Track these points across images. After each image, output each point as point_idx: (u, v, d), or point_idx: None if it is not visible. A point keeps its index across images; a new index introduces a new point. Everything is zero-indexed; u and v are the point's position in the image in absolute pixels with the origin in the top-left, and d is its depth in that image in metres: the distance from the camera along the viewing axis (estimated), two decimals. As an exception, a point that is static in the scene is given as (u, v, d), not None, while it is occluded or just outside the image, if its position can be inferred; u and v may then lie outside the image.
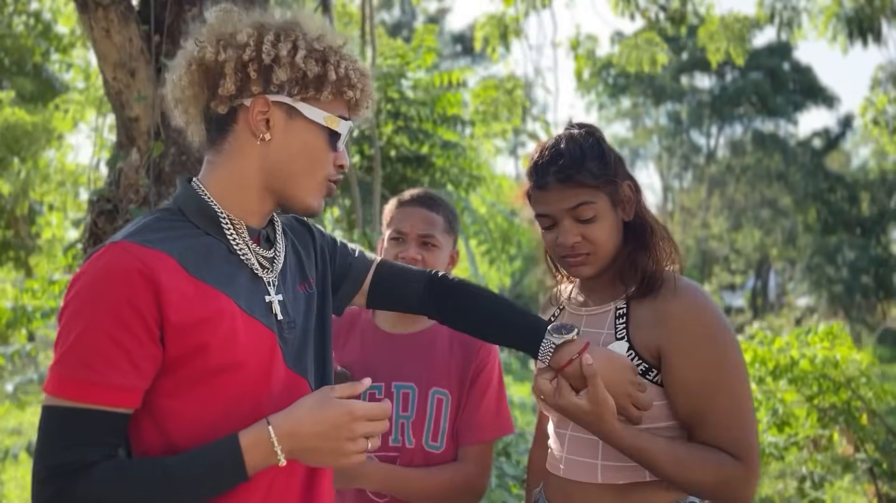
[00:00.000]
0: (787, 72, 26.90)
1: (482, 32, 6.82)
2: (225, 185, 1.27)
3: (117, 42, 2.60)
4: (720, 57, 6.42)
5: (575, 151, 1.52)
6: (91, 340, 1.13)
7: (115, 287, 1.13)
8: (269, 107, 1.24)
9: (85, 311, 1.13)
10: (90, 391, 1.12)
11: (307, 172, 1.29)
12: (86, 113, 5.89)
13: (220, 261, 1.25)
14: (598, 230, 1.52)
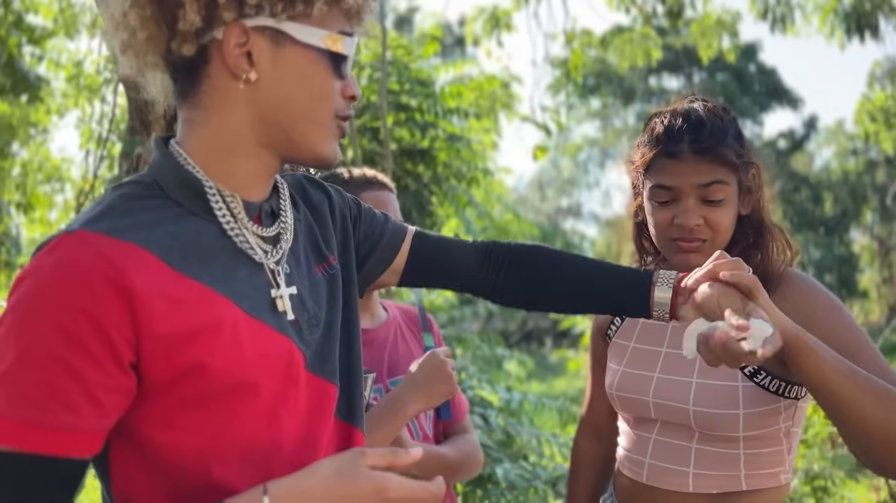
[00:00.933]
0: (752, 73, 27.33)
1: (473, 26, 6.74)
2: (210, 148, 0.97)
3: (133, 19, 2.43)
4: (711, 53, 6.42)
5: (717, 123, 1.38)
6: (34, 366, 0.83)
7: (67, 294, 0.83)
8: (248, 35, 0.94)
9: (27, 326, 0.83)
10: (31, 435, 0.83)
11: (311, 113, 0.98)
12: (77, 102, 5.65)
13: (212, 249, 0.95)
14: (723, 216, 1.37)
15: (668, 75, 27.99)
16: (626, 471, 1.51)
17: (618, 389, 1.50)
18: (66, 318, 0.83)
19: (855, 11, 5.12)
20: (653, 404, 1.43)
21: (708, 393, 1.37)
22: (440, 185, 4.68)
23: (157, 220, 0.92)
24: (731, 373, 1.36)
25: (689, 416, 1.38)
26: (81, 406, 0.84)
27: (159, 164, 0.99)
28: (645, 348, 1.50)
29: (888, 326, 18.45)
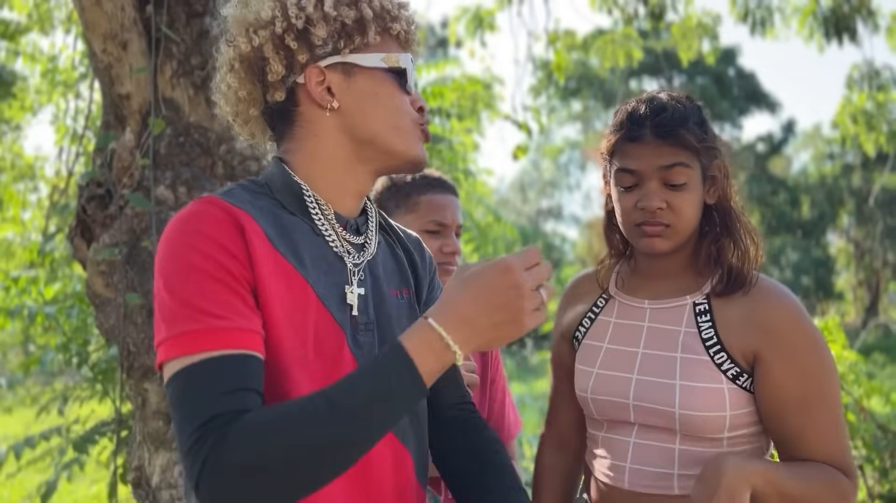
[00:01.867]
0: (732, 77, 27.58)
1: (456, 27, 6.72)
2: (312, 167, 1.16)
3: (108, 10, 2.36)
4: (692, 55, 6.45)
5: (678, 108, 1.39)
6: (200, 287, 0.99)
7: (211, 234, 1.02)
8: (324, 73, 1.13)
9: (182, 260, 1.00)
10: (220, 336, 0.97)
11: (391, 124, 1.15)
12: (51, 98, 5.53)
13: (303, 242, 1.12)
14: (686, 201, 1.37)
15: (648, 78, 28.17)
16: (604, 478, 1.46)
17: (593, 392, 1.45)
18: (212, 247, 1.01)
19: (833, 15, 5.17)
20: (633, 407, 1.40)
21: (694, 395, 1.34)
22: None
23: (264, 207, 1.11)
24: (715, 374, 1.35)
25: (674, 419, 1.35)
26: (247, 314, 1.00)
27: (270, 172, 1.18)
28: (620, 349, 1.46)
29: (864, 328, 18.69)
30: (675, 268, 1.46)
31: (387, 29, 1.16)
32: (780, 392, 1.32)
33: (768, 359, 1.32)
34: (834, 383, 1.33)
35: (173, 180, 2.37)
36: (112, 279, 2.30)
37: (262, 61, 1.13)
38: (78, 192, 2.37)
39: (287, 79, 1.14)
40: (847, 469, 1.32)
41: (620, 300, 1.50)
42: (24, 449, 2.86)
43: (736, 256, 1.40)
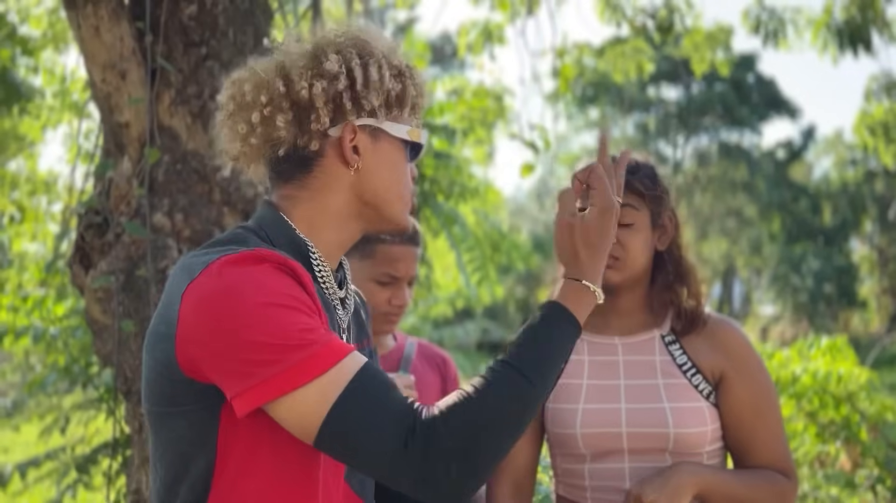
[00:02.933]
0: (751, 83, 27.36)
1: (466, 39, 6.72)
2: (315, 220, 1.17)
3: (107, 41, 2.40)
4: (705, 67, 6.41)
5: (631, 162, 1.58)
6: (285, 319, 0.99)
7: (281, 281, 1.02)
8: (356, 132, 1.15)
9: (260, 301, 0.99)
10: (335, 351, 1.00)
11: (399, 192, 1.20)
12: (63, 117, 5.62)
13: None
14: (634, 238, 1.56)
15: (666, 85, 28.03)
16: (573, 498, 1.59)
17: (584, 427, 1.54)
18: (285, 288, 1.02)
19: (847, 26, 5.11)
20: (626, 434, 1.52)
21: (683, 415, 1.52)
22: (427, 202, 4.65)
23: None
24: (693, 394, 1.55)
25: (668, 439, 1.50)
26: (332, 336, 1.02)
27: (268, 222, 1.16)
28: (602, 383, 1.58)
29: (888, 336, 18.42)
30: (633, 307, 1.63)
31: (415, 104, 1.22)
32: (739, 403, 1.56)
33: (731, 377, 1.57)
34: (776, 397, 1.61)
35: (170, 207, 2.40)
36: (109, 305, 2.33)
37: (311, 109, 1.14)
38: (77, 219, 2.40)
39: (327, 132, 1.15)
40: (788, 471, 1.55)
41: (589, 339, 1.62)
42: (29, 468, 2.89)
43: (688, 300, 1.61)
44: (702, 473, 1.49)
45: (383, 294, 1.76)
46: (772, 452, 1.56)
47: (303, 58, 1.14)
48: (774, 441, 1.57)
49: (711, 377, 1.57)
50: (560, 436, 1.57)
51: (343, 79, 1.13)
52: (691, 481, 1.46)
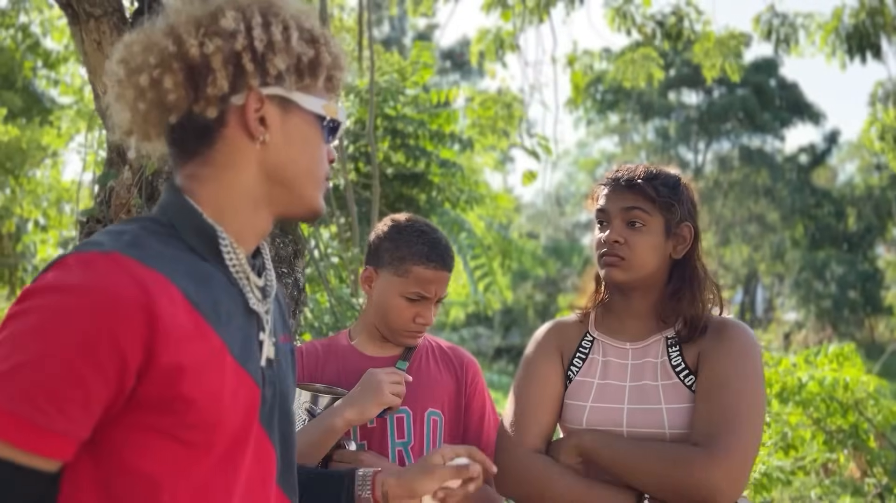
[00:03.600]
0: (773, 88, 27.09)
1: (478, 47, 6.76)
2: (223, 202, 1.06)
3: (109, 55, 2.48)
4: (716, 73, 6.39)
5: (652, 171, 1.68)
6: (50, 370, 0.89)
7: (98, 311, 0.90)
8: (263, 102, 1.05)
9: (54, 331, 0.90)
10: (26, 434, 0.89)
11: (311, 172, 1.10)
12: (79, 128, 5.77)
13: (219, 293, 1.04)
14: (642, 240, 1.62)
15: (686, 90, 27.85)
16: None
17: (589, 424, 1.63)
18: (92, 334, 0.90)
19: (857, 32, 5.08)
20: (627, 433, 1.60)
21: (678, 416, 1.58)
22: (434, 210, 4.70)
23: (177, 257, 1.02)
24: (688, 395, 1.59)
25: (665, 440, 1.57)
26: (77, 414, 0.91)
27: (175, 208, 1.07)
28: (611, 383, 1.66)
29: (914, 344, 18.12)
30: (645, 311, 1.69)
31: (331, 77, 1.11)
32: (698, 384, 1.58)
33: (701, 361, 1.60)
34: (747, 390, 1.55)
35: (170, 216, 2.47)
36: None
37: (206, 70, 1.02)
38: (78, 227, 2.48)
39: (227, 97, 1.04)
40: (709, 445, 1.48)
41: (604, 341, 1.71)
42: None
43: (693, 309, 1.65)
44: (586, 434, 1.59)
45: (410, 311, 1.77)
46: (704, 428, 1.52)
47: (196, 15, 1.04)
48: (712, 418, 1.52)
49: (695, 371, 1.61)
50: (569, 430, 1.68)
51: (241, 38, 1.02)
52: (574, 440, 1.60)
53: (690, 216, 1.68)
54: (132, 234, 1.00)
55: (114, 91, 1.08)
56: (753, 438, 1.53)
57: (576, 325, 1.76)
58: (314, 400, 1.66)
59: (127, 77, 1.05)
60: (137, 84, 1.03)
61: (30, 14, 7.71)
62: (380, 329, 1.83)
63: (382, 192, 4.88)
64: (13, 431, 0.89)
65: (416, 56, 5.12)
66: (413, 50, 5.22)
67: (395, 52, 5.76)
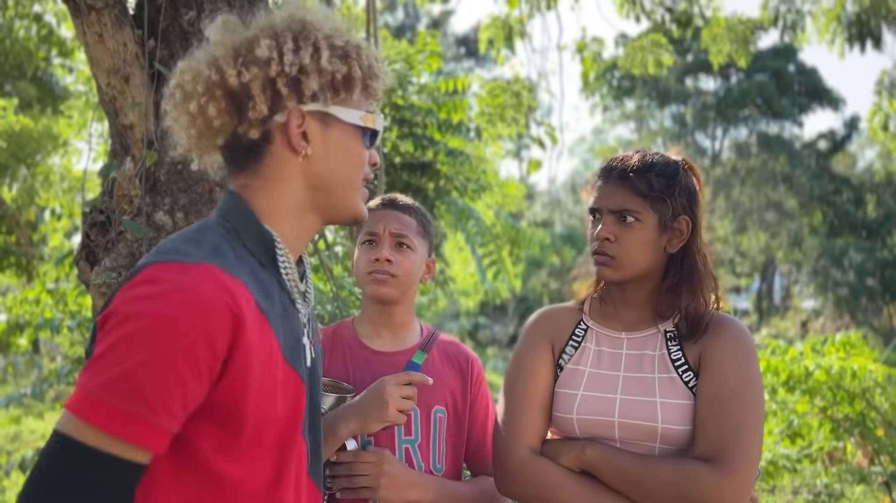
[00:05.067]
0: (792, 74, 26.77)
1: (486, 34, 6.75)
2: (273, 210, 1.17)
3: (111, 47, 2.51)
4: (722, 59, 6.33)
5: (647, 161, 1.60)
6: (157, 372, 0.98)
7: (202, 320, 1.00)
8: (304, 118, 1.15)
9: (159, 336, 0.99)
10: (134, 428, 0.98)
11: (351, 179, 1.20)
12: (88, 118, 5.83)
13: (275, 298, 1.14)
14: (633, 238, 1.58)
15: (704, 76, 27.58)
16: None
17: (579, 413, 1.59)
18: (195, 339, 1.00)
19: (858, 20, 5.02)
20: (618, 424, 1.56)
21: (672, 411, 1.54)
22: (442, 199, 4.71)
23: (245, 265, 1.11)
24: (684, 391, 1.56)
25: (656, 433, 1.54)
26: (178, 411, 1.01)
27: (235, 214, 1.16)
28: (603, 373, 1.62)
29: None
30: (640, 303, 1.65)
31: (367, 87, 1.20)
32: (700, 390, 1.54)
33: (703, 363, 1.56)
34: (751, 396, 1.52)
35: (171, 206, 2.50)
36: (113, 300, 2.44)
37: (246, 97, 1.12)
38: (82, 218, 2.52)
39: (268, 119, 1.14)
40: (719, 462, 1.46)
41: (598, 330, 1.68)
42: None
43: (693, 305, 1.60)
44: (589, 447, 1.55)
45: (367, 254, 1.79)
46: (711, 443, 1.49)
47: (235, 45, 1.14)
48: (720, 433, 1.49)
49: (696, 370, 1.57)
50: (559, 419, 1.63)
51: (275, 65, 1.12)
52: (577, 453, 1.55)
53: (688, 208, 1.61)
54: (212, 244, 1.10)
55: (171, 115, 1.18)
56: (758, 447, 1.52)
57: (570, 313, 1.73)
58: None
59: (181, 103, 1.16)
60: (188, 111, 1.15)
61: (43, 4, 7.78)
62: (365, 308, 1.84)
63: (390, 180, 4.90)
64: (126, 427, 0.98)
65: (422, 45, 5.12)
66: (418, 38, 5.21)
67: (404, 41, 5.75)
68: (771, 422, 4.48)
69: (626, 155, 1.64)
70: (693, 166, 1.67)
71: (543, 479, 1.57)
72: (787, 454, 4.50)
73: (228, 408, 1.06)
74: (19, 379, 10.83)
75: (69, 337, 3.74)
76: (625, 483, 1.50)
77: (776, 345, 4.63)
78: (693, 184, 1.65)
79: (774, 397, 4.41)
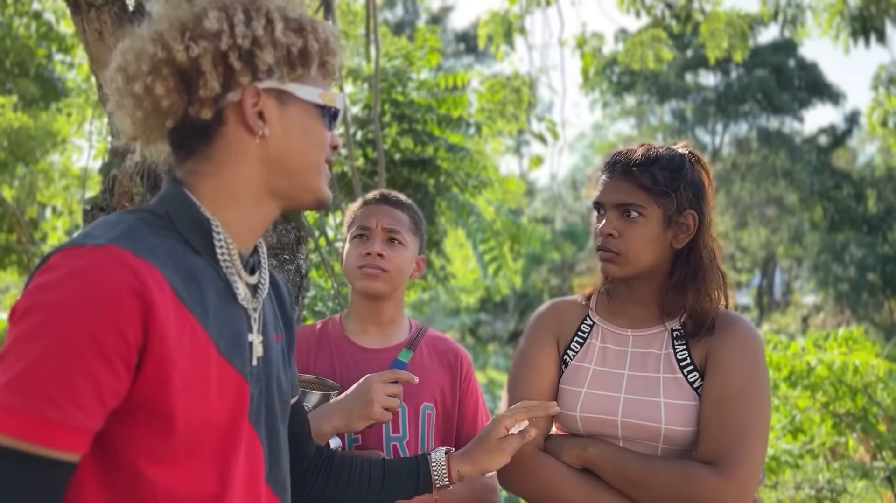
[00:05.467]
0: (792, 69, 26.73)
1: (486, 30, 6.74)
2: (222, 197, 1.08)
3: (110, 45, 2.50)
4: (720, 54, 6.32)
5: (651, 154, 1.57)
6: (58, 365, 0.90)
7: (101, 303, 0.92)
8: (260, 96, 1.06)
9: (57, 326, 0.91)
10: (44, 431, 0.90)
11: (313, 161, 1.12)
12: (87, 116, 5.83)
13: (206, 288, 1.05)
14: (637, 234, 1.55)
15: (704, 72, 27.54)
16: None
17: (583, 411, 1.58)
18: (95, 325, 0.92)
19: (861, 15, 5.00)
20: (621, 423, 1.55)
21: (676, 412, 1.52)
22: (443, 195, 4.71)
23: (168, 250, 1.02)
24: (689, 392, 1.54)
25: (659, 434, 1.53)
26: (92, 409, 0.92)
27: (172, 200, 1.08)
28: (607, 370, 1.61)
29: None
30: (646, 300, 1.62)
31: (324, 63, 1.12)
32: (705, 391, 1.51)
33: (709, 364, 1.54)
34: (756, 397, 1.50)
35: (172, 203, 2.50)
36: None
37: (196, 73, 1.04)
38: (83, 215, 2.52)
39: (220, 97, 1.05)
40: (722, 464, 1.44)
41: (604, 326, 1.66)
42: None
43: (700, 302, 1.57)
44: (592, 446, 1.53)
45: (359, 249, 1.79)
46: (715, 445, 1.47)
47: (181, 19, 1.05)
48: (723, 435, 1.47)
49: (702, 370, 1.54)
50: (563, 416, 1.62)
51: (225, 37, 1.03)
52: (579, 451, 1.54)
53: (695, 201, 1.57)
54: (126, 225, 1.01)
55: (114, 99, 1.09)
56: (762, 451, 1.50)
57: (576, 307, 1.70)
58: (303, 395, 1.59)
59: (124, 85, 1.07)
60: (133, 92, 1.06)
61: (42, 2, 7.77)
62: (354, 304, 1.83)
63: (390, 177, 4.90)
64: (35, 430, 0.90)
65: (422, 41, 5.11)
66: (418, 34, 5.20)
67: (404, 37, 5.74)
68: (773, 417, 4.48)
69: (631, 148, 1.61)
70: (701, 159, 1.63)
71: (545, 475, 1.55)
72: (789, 450, 4.50)
73: (153, 405, 0.97)
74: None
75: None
76: (626, 482, 1.49)
77: (777, 341, 4.63)
78: (701, 177, 1.61)
79: (776, 392, 4.41)
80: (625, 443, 1.55)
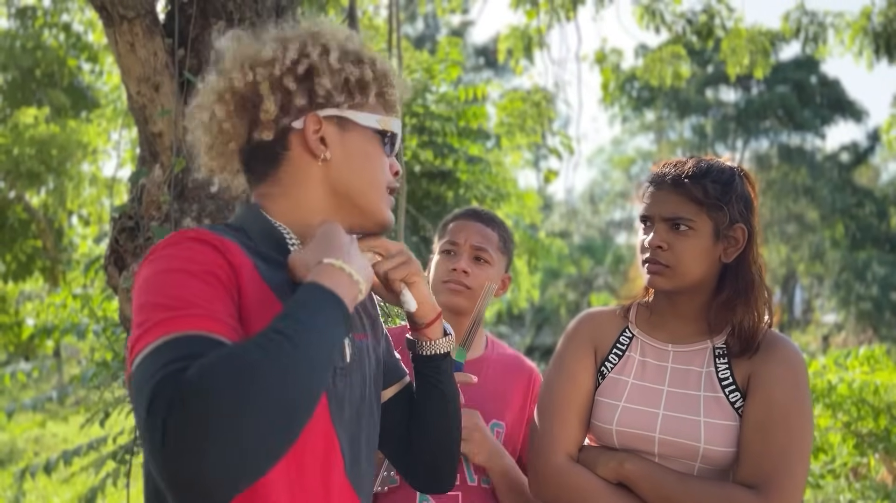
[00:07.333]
0: (814, 85, 26.57)
1: (506, 44, 6.78)
2: (293, 216, 1.17)
3: (142, 56, 2.56)
4: (741, 70, 6.31)
5: (702, 167, 1.55)
6: (182, 283, 0.96)
7: (200, 252, 1.00)
8: (321, 123, 1.15)
9: (179, 269, 0.98)
10: (192, 321, 0.93)
11: (373, 184, 1.19)
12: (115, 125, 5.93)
13: (286, 284, 1.10)
14: (687, 247, 1.52)
15: (724, 87, 27.45)
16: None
17: (619, 425, 1.56)
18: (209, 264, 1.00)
19: (885, 31, 4.98)
20: (659, 440, 1.52)
21: (716, 432, 1.50)
22: (462, 207, 4.73)
23: (247, 246, 1.10)
24: (730, 412, 1.51)
25: (697, 453, 1.50)
26: (223, 310, 0.98)
27: (246, 217, 1.18)
28: (646, 385, 1.58)
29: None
30: (690, 315, 1.59)
31: (382, 93, 1.21)
32: (747, 413, 1.49)
33: (751, 385, 1.51)
34: (799, 421, 1.47)
35: (199, 212, 2.55)
36: (140, 304, 2.48)
37: (255, 98, 1.14)
38: (111, 223, 2.57)
39: (280, 120, 1.15)
40: (765, 489, 1.42)
41: (643, 340, 1.63)
42: (73, 457, 3.09)
43: (747, 319, 1.54)
44: (630, 460, 1.51)
45: (446, 263, 1.83)
46: (756, 468, 1.45)
47: (244, 52, 1.16)
48: (765, 458, 1.45)
49: (743, 391, 1.52)
50: (598, 429, 1.60)
51: (279, 64, 1.13)
52: (617, 465, 1.52)
53: (744, 215, 1.54)
54: (208, 227, 1.11)
55: (192, 135, 1.21)
56: (804, 476, 1.47)
57: (614, 318, 1.68)
58: None
59: (197, 116, 1.19)
60: (202, 121, 1.18)
61: (72, 14, 7.93)
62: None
63: (410, 189, 4.94)
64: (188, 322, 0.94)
65: (444, 53, 5.15)
66: (440, 47, 5.25)
67: (425, 51, 5.80)
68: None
69: (679, 160, 1.59)
70: (748, 173, 1.61)
71: (579, 488, 1.53)
72: (811, 470, 4.46)
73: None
74: (41, 383, 10.97)
75: (91, 341, 3.80)
76: (663, 501, 1.47)
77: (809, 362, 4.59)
78: (748, 191, 1.58)
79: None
80: (660, 459, 1.53)
